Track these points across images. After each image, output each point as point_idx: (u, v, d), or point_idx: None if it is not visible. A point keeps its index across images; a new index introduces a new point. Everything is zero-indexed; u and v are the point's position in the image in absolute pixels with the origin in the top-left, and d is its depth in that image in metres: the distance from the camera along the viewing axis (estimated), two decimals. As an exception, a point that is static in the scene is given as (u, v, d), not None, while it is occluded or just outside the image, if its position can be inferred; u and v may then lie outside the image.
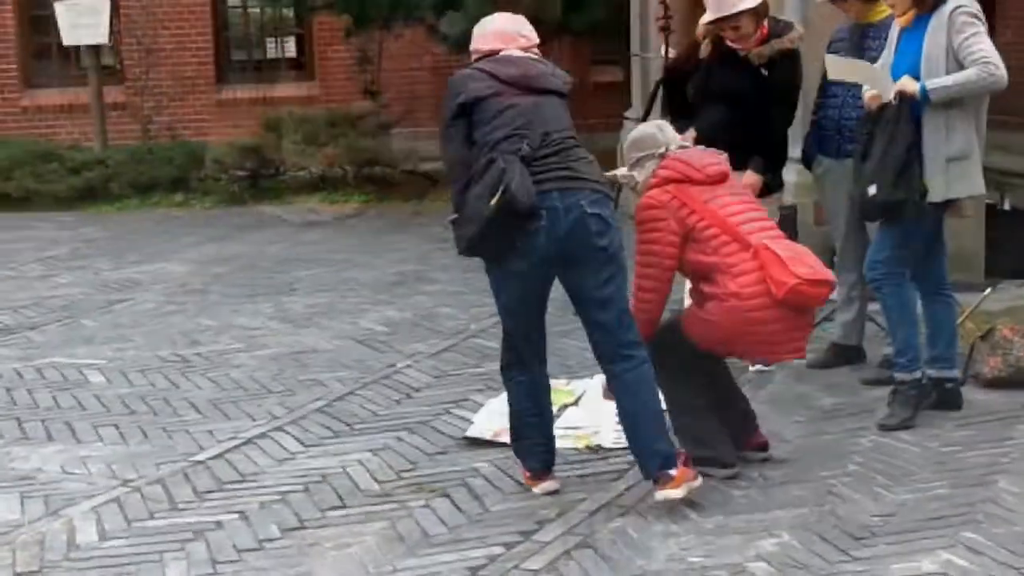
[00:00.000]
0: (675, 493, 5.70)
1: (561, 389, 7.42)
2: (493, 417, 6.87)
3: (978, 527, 5.46)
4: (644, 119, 8.26)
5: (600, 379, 6.87)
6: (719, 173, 6.17)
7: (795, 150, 8.11)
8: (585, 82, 17.61)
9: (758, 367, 7.78)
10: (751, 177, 7.53)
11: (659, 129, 6.41)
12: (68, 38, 16.28)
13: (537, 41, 6.09)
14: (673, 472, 5.69)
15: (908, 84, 6.53)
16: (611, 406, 6.30)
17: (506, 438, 6.58)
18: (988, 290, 8.09)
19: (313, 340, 8.88)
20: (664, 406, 6.02)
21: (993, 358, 7.29)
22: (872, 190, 6.65)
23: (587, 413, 7.02)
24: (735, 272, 5.92)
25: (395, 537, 5.59)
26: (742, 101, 7.53)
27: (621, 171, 6.44)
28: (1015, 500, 5.73)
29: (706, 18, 7.57)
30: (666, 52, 8.95)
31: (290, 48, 19.54)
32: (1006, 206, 9.71)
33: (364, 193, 15.69)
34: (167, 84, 18.25)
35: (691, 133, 7.71)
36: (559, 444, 6.52)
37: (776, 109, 7.57)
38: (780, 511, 5.74)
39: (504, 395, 7.16)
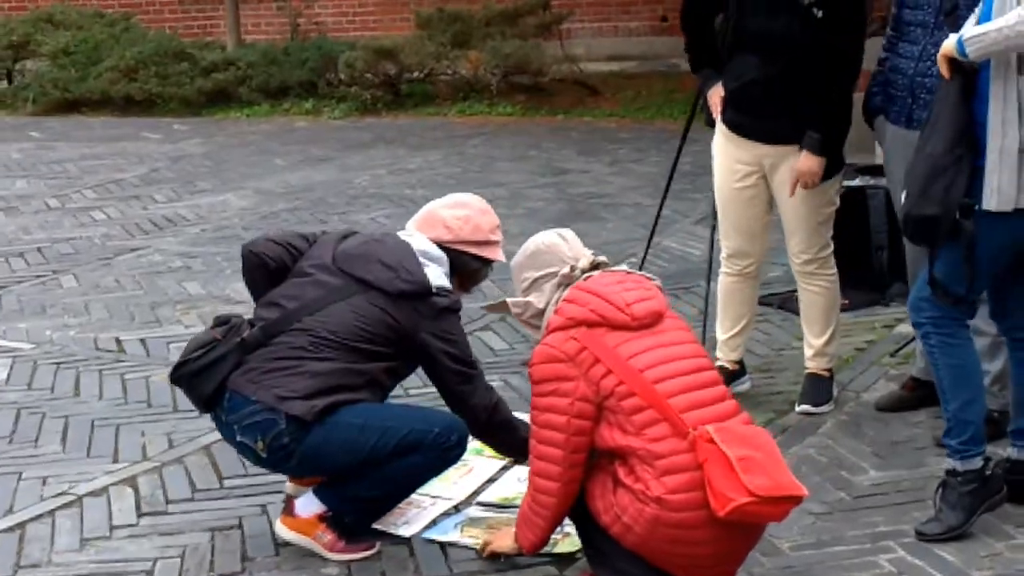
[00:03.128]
0: (282, 531, 4.76)
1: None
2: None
3: None
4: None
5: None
6: (649, 314, 4.27)
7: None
8: None
9: (805, 408, 5.79)
10: (808, 161, 5.52)
11: (563, 239, 4.50)
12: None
13: (466, 237, 4.83)
14: (302, 512, 4.70)
15: (947, 44, 4.42)
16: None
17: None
18: None
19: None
20: None
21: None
22: (903, 197, 4.57)
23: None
24: (662, 468, 4.07)
25: None
26: (786, 50, 5.48)
27: (512, 299, 4.56)
28: None
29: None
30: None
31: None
32: None
33: (512, 104, 13.82)
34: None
35: (718, 89, 5.71)
36: (461, 535, 4.81)
37: (836, 63, 5.47)
38: None
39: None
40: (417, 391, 5.79)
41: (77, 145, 12.77)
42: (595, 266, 4.44)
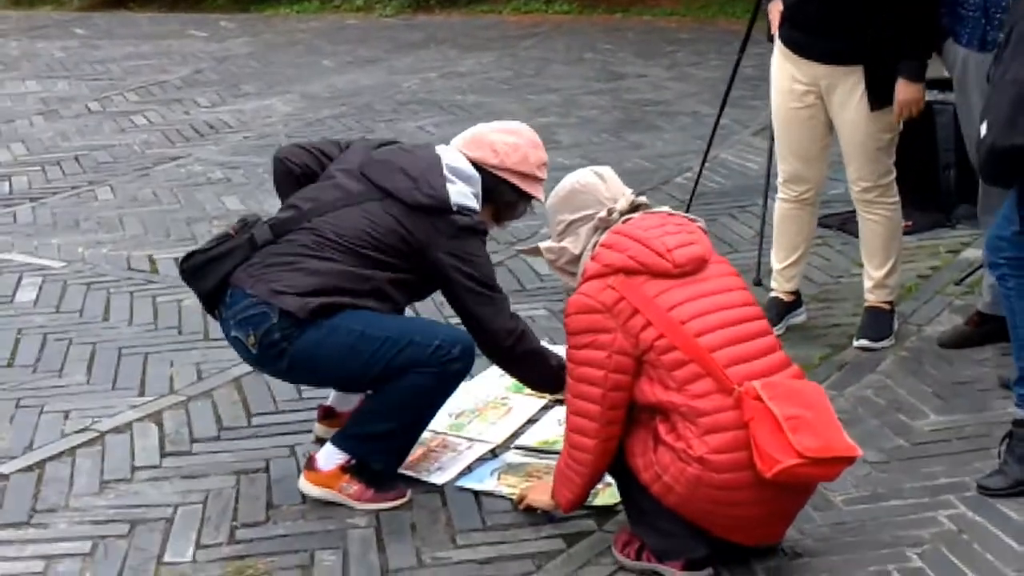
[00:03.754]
0: (306, 487, 4.49)
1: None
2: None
3: None
4: None
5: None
6: (691, 259, 3.95)
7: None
8: None
9: (864, 343, 5.49)
10: (908, 89, 5.21)
11: (600, 178, 4.16)
12: None
13: (511, 165, 4.52)
14: (324, 466, 4.43)
15: None
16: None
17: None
18: None
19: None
20: None
21: None
22: (983, 129, 4.21)
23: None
24: (705, 425, 3.78)
25: None
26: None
27: (546, 243, 4.23)
28: None
29: None
30: None
31: None
32: None
33: (569, 1, 13.43)
34: None
35: (777, 4, 5.39)
36: (498, 483, 4.57)
37: None
38: None
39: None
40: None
41: (121, 43, 12.53)
42: (635, 207, 4.13)
